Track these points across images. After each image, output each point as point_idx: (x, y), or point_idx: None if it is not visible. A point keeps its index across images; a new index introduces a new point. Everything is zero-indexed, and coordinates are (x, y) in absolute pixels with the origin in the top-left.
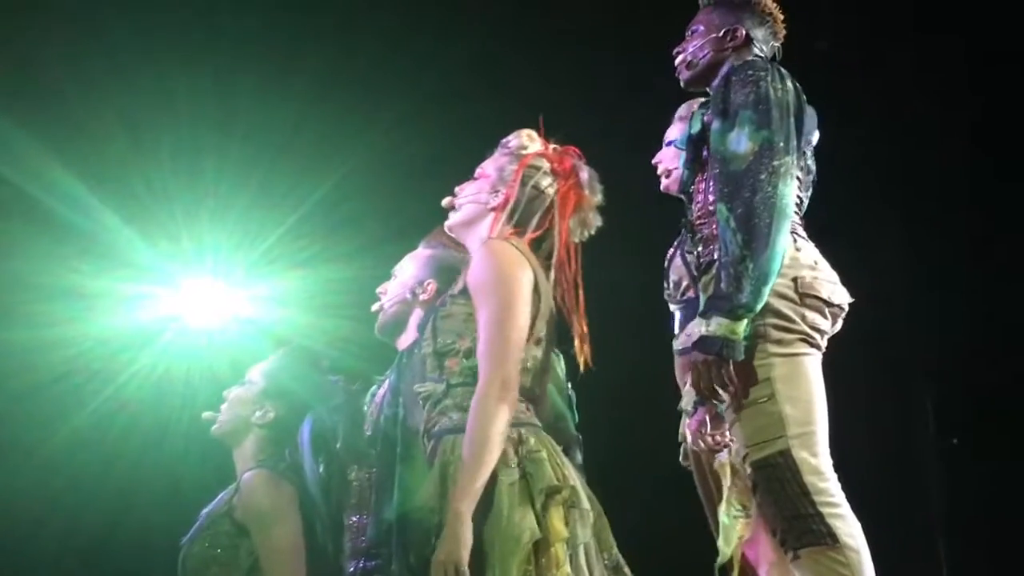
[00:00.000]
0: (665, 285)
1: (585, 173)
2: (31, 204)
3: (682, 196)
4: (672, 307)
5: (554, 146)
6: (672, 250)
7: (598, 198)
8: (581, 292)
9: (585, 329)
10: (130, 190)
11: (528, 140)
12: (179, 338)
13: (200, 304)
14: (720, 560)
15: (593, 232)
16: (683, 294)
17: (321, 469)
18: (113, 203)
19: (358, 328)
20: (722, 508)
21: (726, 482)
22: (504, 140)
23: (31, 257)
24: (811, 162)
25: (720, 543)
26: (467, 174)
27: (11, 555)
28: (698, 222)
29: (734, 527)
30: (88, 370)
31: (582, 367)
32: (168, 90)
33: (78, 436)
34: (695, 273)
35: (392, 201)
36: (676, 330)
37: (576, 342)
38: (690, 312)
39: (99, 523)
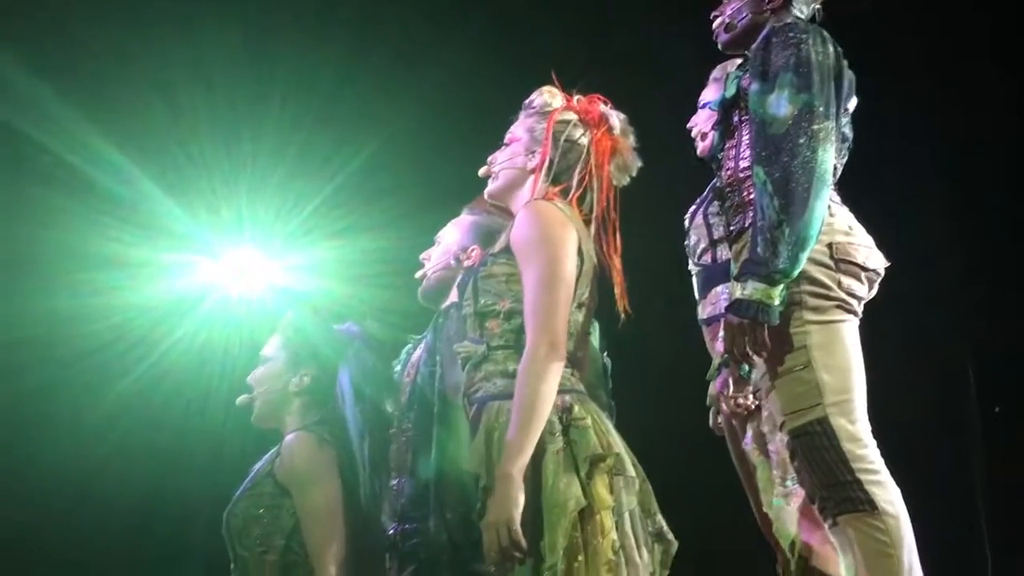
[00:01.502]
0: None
1: (615, 118)
2: (74, 175)
3: (713, 161)
4: (690, 268)
5: (578, 97)
6: (693, 209)
7: (632, 140)
8: (620, 238)
9: (623, 277)
10: (170, 160)
11: (551, 96)
12: (219, 307)
13: (239, 273)
14: (786, 542)
15: (634, 175)
16: (700, 257)
17: (361, 417)
18: (154, 173)
19: (396, 297)
20: (771, 494)
21: (761, 471)
22: (527, 101)
23: (74, 227)
24: (848, 129)
25: (780, 526)
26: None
27: (59, 520)
28: (728, 188)
29: (788, 505)
30: (131, 338)
31: (621, 314)
32: (206, 61)
33: (123, 403)
34: (714, 238)
35: (428, 171)
36: (696, 295)
37: (615, 290)
38: (707, 277)
39: (144, 487)
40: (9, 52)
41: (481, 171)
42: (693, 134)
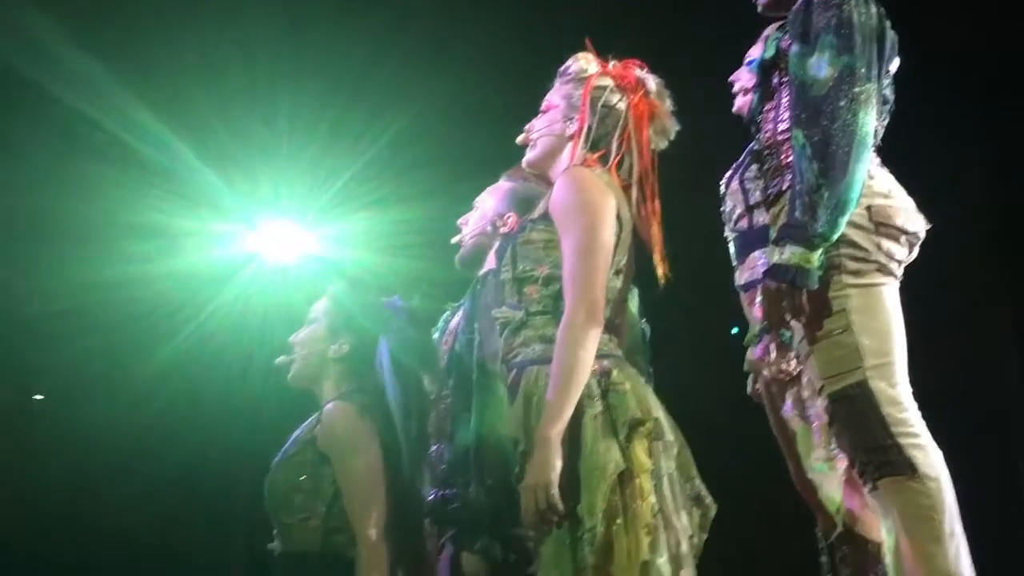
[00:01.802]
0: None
1: (652, 82)
2: (121, 147)
3: (751, 124)
4: (726, 234)
5: (613, 62)
6: (729, 175)
7: (669, 104)
8: (658, 204)
9: (661, 243)
10: (211, 134)
11: (586, 62)
12: (257, 275)
13: (276, 243)
14: (831, 506)
15: (672, 138)
16: (736, 223)
17: (401, 390)
18: (195, 146)
19: (428, 268)
20: (812, 459)
21: (801, 437)
22: (562, 68)
23: (121, 197)
24: (889, 91)
25: (823, 492)
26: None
27: (107, 482)
28: (766, 151)
29: (831, 471)
30: (173, 305)
31: (661, 280)
32: (247, 38)
33: (166, 368)
34: (750, 203)
35: (462, 142)
36: (733, 261)
37: (654, 256)
38: (743, 242)
39: (188, 450)
40: (61, 30)
41: (519, 139)
42: (734, 89)
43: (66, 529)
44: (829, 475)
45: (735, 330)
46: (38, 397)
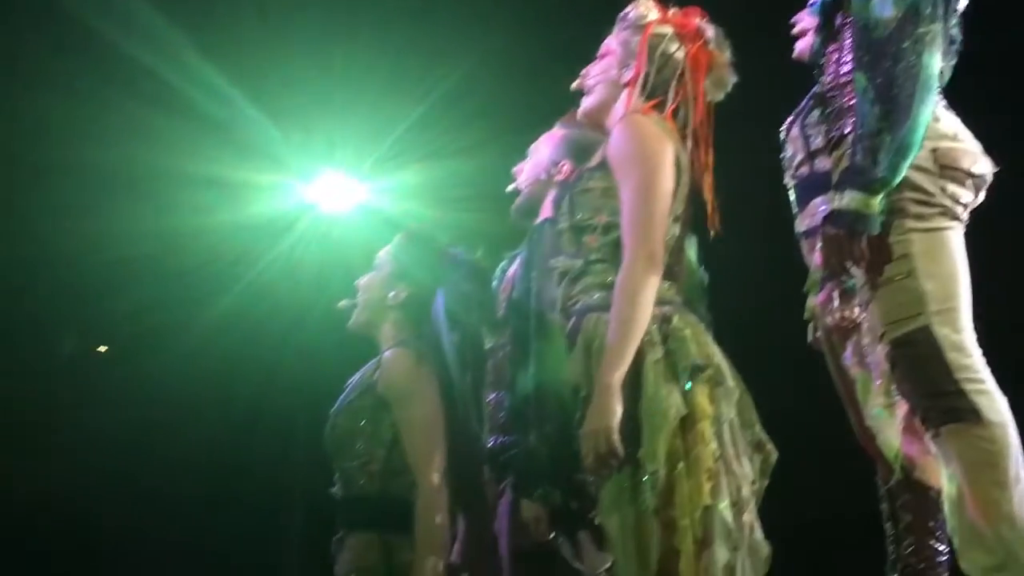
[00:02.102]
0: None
1: (711, 31)
2: (177, 97)
3: (814, 67)
4: (787, 182)
5: (673, 10)
6: (790, 121)
7: (728, 55)
8: (713, 154)
9: (715, 193)
10: (267, 84)
11: (646, 9)
12: (312, 226)
13: (331, 194)
14: (890, 453)
15: (729, 90)
16: (797, 169)
17: (457, 343)
18: (251, 97)
19: (482, 219)
20: (871, 406)
21: (862, 385)
22: (621, 15)
23: (180, 148)
24: (956, 31)
25: (883, 439)
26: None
27: (169, 432)
28: (829, 94)
29: (890, 418)
30: (230, 256)
31: (711, 233)
32: None
33: (224, 319)
34: (811, 149)
35: (516, 92)
36: (794, 208)
37: (708, 206)
38: (804, 189)
39: (247, 398)
40: None
41: (574, 84)
42: (795, 30)
43: (129, 477)
44: (888, 422)
45: None
46: (101, 348)
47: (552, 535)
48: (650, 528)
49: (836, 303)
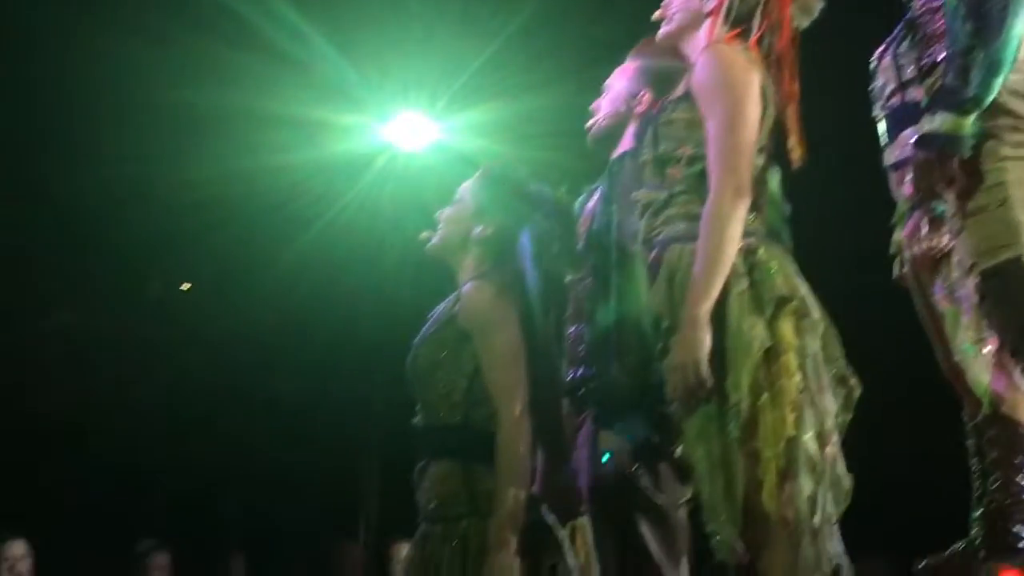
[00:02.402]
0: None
1: None
2: (258, 37)
3: None
4: (876, 114)
5: None
6: (881, 50)
7: None
8: (798, 84)
9: (800, 123)
10: (343, 23)
11: None
12: (388, 165)
13: (407, 133)
14: (978, 389)
15: (815, 16)
16: (888, 100)
17: (540, 278)
18: (328, 35)
19: (558, 157)
20: (959, 341)
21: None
22: None
23: (258, 89)
24: None
25: (971, 374)
26: None
27: (252, 369)
28: (920, 19)
29: (979, 354)
30: (309, 195)
31: (795, 163)
32: None
33: (304, 257)
34: (903, 79)
35: (590, 27)
36: (883, 139)
37: (791, 137)
38: (895, 120)
39: (327, 334)
40: None
41: (656, 14)
42: None
43: (212, 414)
44: (977, 357)
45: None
46: (185, 287)
47: (633, 468)
48: (734, 459)
49: (924, 231)
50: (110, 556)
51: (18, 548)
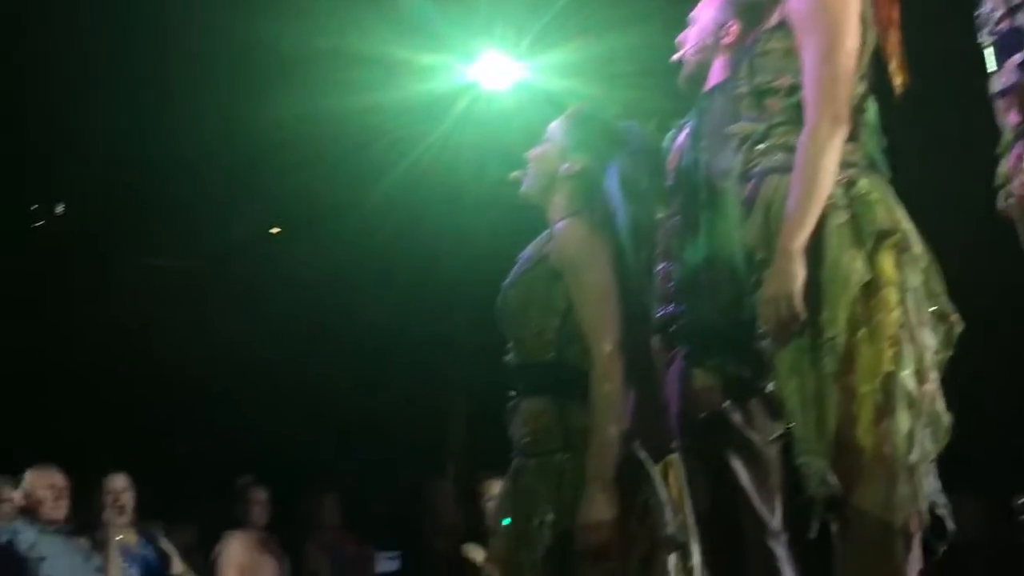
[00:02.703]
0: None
1: None
2: None
3: None
4: (983, 40)
5: None
6: None
7: None
8: (897, 9)
9: (901, 49)
10: None
11: None
12: (472, 105)
13: (491, 73)
14: None
15: None
16: (996, 25)
17: (631, 215)
18: None
19: (643, 96)
20: None
21: None
22: None
23: (341, 27)
24: None
25: None
26: None
27: (337, 310)
28: None
29: None
30: (392, 136)
31: (898, 89)
32: None
33: (388, 199)
34: (1013, 3)
35: None
36: (989, 67)
37: (892, 62)
38: (1002, 46)
39: (410, 275)
40: None
41: None
42: None
43: (298, 356)
44: None
45: None
46: (275, 230)
47: (724, 404)
48: (829, 394)
49: None
50: (208, 492)
51: (120, 481)
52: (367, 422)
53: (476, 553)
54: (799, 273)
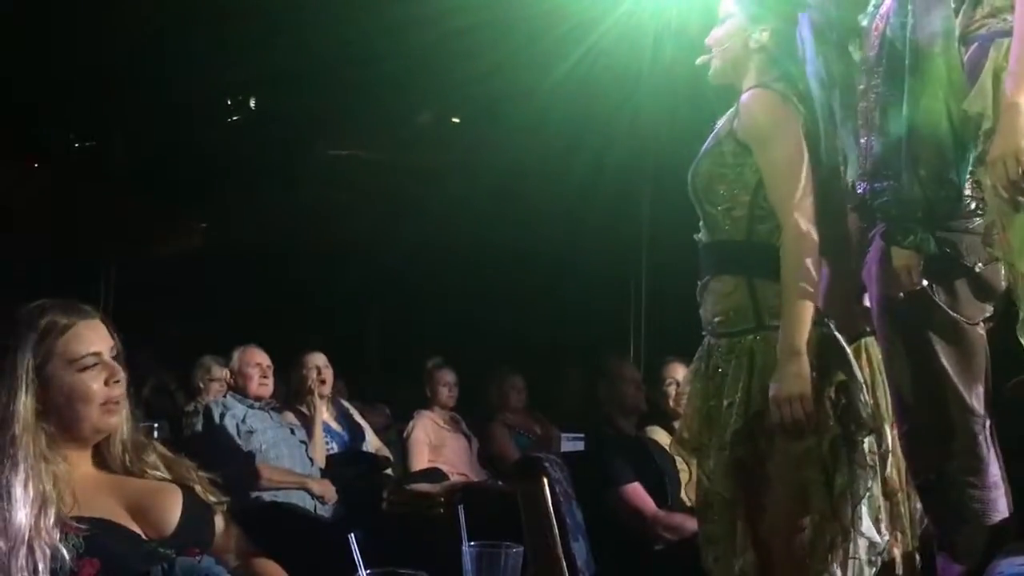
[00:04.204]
0: None
1: None
2: None
3: None
4: None
5: None
6: None
7: None
8: None
9: None
10: None
11: None
12: None
13: None
14: None
15: None
16: None
17: (823, 62)
18: None
19: None
20: None
21: None
22: None
23: None
24: None
25: None
26: None
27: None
28: None
29: None
30: (566, 23)
31: None
32: None
33: (562, 88)
34: None
35: None
36: None
37: None
38: None
39: (589, 162)
40: None
41: None
42: None
43: (481, 239)
44: None
45: None
46: (455, 120)
47: (924, 283)
48: None
49: None
50: (398, 372)
51: (320, 358)
52: (551, 304)
53: (660, 435)
54: None
